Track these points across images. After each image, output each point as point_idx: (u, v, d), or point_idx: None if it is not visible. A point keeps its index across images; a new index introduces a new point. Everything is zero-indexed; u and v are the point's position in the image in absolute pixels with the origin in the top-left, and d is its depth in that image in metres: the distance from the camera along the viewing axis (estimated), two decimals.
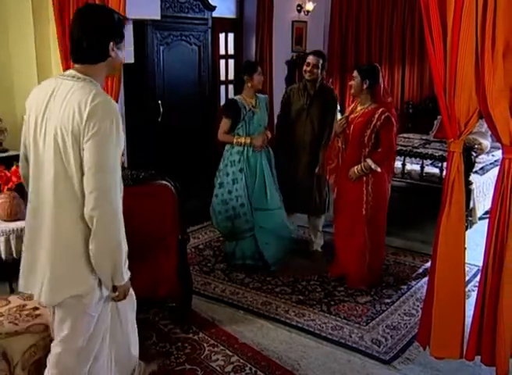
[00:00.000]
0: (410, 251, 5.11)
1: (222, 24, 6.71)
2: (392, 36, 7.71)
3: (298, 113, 4.68)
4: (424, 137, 7.07)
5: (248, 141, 4.43)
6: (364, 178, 4.09)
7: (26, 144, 2.23)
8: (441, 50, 2.77)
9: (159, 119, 5.29)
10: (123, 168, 3.82)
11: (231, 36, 7.04)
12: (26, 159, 2.26)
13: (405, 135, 7.20)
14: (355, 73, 4.09)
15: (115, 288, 2.20)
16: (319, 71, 4.56)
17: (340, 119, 4.30)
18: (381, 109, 4.04)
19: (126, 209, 3.15)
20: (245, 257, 4.62)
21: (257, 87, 4.46)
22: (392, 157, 4.21)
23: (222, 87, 6.95)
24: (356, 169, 4.08)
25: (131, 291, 2.37)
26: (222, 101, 6.62)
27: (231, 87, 7.04)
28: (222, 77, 6.93)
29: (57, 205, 2.09)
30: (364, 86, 4.06)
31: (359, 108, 4.19)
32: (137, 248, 3.53)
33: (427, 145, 6.60)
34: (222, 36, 6.79)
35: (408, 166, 5.44)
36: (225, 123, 4.47)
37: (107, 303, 2.26)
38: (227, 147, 4.54)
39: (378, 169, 4.05)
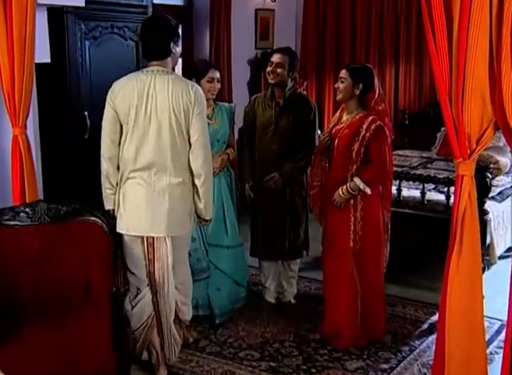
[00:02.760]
0: (411, 300, 5.12)
1: (166, 13, 6.64)
2: (383, 27, 7.86)
3: (264, 128, 4.72)
4: (424, 155, 7.15)
5: None
6: (352, 201, 4.14)
7: (124, 125, 3.74)
8: (445, 45, 2.81)
9: (86, 136, 5.20)
10: (38, 201, 3.81)
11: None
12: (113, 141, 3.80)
13: (400, 152, 7.22)
14: (344, 74, 4.15)
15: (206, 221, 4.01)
16: (285, 72, 4.60)
17: (323, 135, 4.32)
18: (371, 118, 4.10)
19: (41, 254, 3.07)
20: (198, 306, 4.66)
21: (207, 96, 4.44)
22: (386, 176, 4.25)
23: None
24: (341, 190, 4.13)
25: None
26: None
27: None
28: None
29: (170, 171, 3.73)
30: (356, 91, 4.13)
31: (345, 117, 4.24)
32: (55, 304, 3.48)
33: (428, 165, 6.67)
34: None
35: (405, 192, 5.46)
36: None
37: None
38: None
39: (368, 191, 4.10)
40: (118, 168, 3.82)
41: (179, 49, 3.88)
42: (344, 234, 4.19)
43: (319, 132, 4.81)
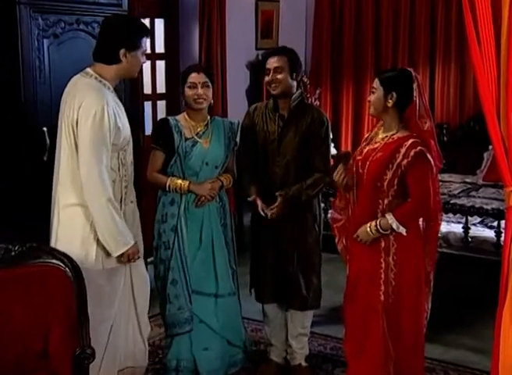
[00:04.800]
0: (453, 365, 5.07)
1: (145, 6, 6.75)
2: (415, 23, 7.90)
3: (265, 146, 4.69)
4: (468, 180, 7.20)
5: (186, 186, 4.51)
6: (383, 243, 4.07)
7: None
8: (491, 50, 2.79)
9: (45, 157, 5.19)
10: None
11: (159, 24, 7.12)
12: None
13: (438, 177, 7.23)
14: (375, 82, 4.12)
15: None
16: (288, 76, 4.59)
17: (339, 163, 4.24)
18: (411, 140, 3.98)
19: None
20: (179, 369, 4.66)
21: (190, 107, 4.57)
22: (429, 215, 4.17)
23: (148, 105, 7.07)
24: (369, 226, 4.05)
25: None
26: (149, 126, 6.61)
27: (161, 103, 7.07)
28: (148, 89, 7.02)
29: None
30: (389, 102, 4.06)
31: (380, 136, 4.16)
32: (2, 370, 3.44)
33: (473, 193, 6.69)
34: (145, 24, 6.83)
35: (443, 227, 5.33)
36: (155, 157, 4.60)
37: None
38: (159, 193, 4.67)
39: (402, 231, 4.02)
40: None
41: (135, 61, 4.03)
42: (373, 284, 4.10)
43: (334, 151, 4.78)
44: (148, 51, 6.76)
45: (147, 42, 4.13)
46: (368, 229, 4.05)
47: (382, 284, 4.08)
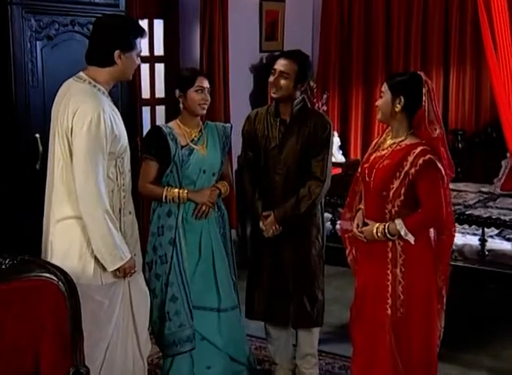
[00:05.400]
0: None
1: (144, 6, 6.74)
2: (428, 25, 7.88)
3: (266, 154, 4.70)
4: (484, 189, 7.17)
5: (185, 195, 4.51)
6: (390, 254, 4.06)
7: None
8: (508, 50, 2.80)
9: (37, 166, 5.20)
10: None
11: (159, 25, 7.12)
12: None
13: (452, 186, 7.08)
14: (383, 87, 4.12)
15: None
16: (291, 84, 4.60)
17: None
18: (420, 148, 3.98)
19: None
20: None
21: (193, 112, 4.57)
22: (440, 226, 4.17)
23: (146, 110, 7.05)
24: (376, 228, 4.06)
25: None
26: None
27: (160, 109, 7.05)
28: (146, 94, 7.02)
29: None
30: (397, 107, 4.06)
31: (388, 142, 4.16)
32: None
33: (490, 203, 6.66)
34: (143, 25, 6.53)
35: (458, 239, 5.41)
36: (148, 167, 4.59)
37: None
38: (153, 205, 4.66)
39: (411, 239, 4.01)
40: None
41: (130, 62, 4.01)
42: (379, 297, 4.09)
43: (342, 159, 4.78)
44: (147, 53, 6.84)
45: (141, 43, 4.12)
46: (375, 230, 4.04)
47: (389, 298, 4.06)
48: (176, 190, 4.52)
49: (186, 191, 4.50)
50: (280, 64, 4.60)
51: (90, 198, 3.79)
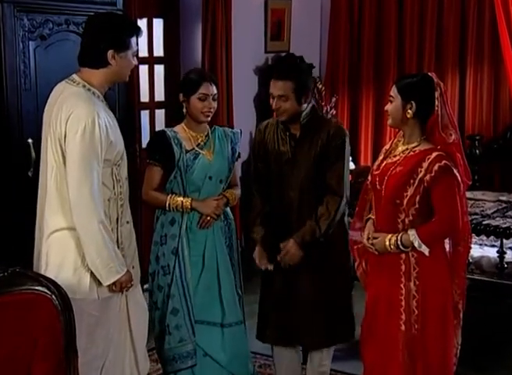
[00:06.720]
0: None
1: (143, 4, 6.77)
2: (442, 23, 7.90)
3: (279, 168, 4.66)
4: (503, 198, 7.19)
5: (188, 204, 4.51)
6: (403, 267, 4.05)
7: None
8: None
9: (30, 173, 5.16)
10: None
11: (158, 25, 7.15)
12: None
13: (469, 195, 7.07)
14: (392, 91, 4.09)
15: None
16: (294, 104, 4.53)
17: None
18: (435, 154, 3.96)
19: None
20: None
21: (196, 119, 4.54)
22: (457, 237, 4.13)
23: (145, 114, 7.10)
24: (388, 240, 4.03)
25: None
26: (146, 137, 6.63)
27: (160, 113, 7.13)
28: (145, 97, 7.07)
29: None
30: (408, 113, 4.03)
31: (400, 148, 4.15)
32: None
33: (509, 212, 6.68)
34: (142, 24, 6.76)
35: (476, 251, 5.46)
36: (152, 173, 4.60)
37: None
38: (157, 213, 4.68)
39: (425, 251, 3.99)
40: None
41: (125, 63, 4.00)
42: (392, 312, 4.07)
43: (352, 165, 4.72)
44: (146, 54, 6.96)
45: (137, 42, 4.07)
46: (387, 242, 4.04)
47: (402, 313, 4.05)
48: (180, 198, 4.53)
49: (189, 200, 4.52)
50: (274, 88, 4.54)
51: (84, 208, 3.77)
